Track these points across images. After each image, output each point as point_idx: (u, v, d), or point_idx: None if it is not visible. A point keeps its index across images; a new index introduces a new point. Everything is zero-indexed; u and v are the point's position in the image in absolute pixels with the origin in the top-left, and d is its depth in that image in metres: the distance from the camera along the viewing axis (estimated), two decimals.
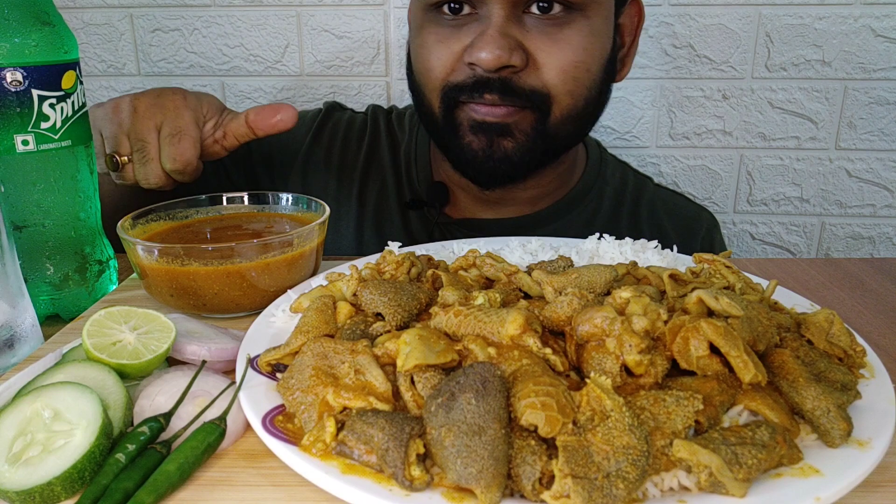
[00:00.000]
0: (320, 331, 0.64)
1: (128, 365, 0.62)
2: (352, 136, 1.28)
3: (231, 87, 1.62)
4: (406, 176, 1.23)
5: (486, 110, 1.01)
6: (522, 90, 1.00)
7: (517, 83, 0.99)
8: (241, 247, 0.79)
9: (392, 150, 1.26)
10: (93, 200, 0.89)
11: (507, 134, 1.03)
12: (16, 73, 0.77)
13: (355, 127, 1.29)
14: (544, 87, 1.00)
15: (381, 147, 1.27)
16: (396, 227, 1.21)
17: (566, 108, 1.03)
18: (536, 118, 1.02)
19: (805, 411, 0.54)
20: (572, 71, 1.00)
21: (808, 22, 1.49)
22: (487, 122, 1.02)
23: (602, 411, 0.50)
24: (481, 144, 1.04)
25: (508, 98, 1.00)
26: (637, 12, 1.12)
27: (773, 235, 1.66)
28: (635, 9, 1.12)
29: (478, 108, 1.02)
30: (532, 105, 1.01)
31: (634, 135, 1.59)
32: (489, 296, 0.66)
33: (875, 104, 1.54)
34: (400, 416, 0.51)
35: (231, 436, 0.58)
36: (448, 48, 1.02)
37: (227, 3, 1.54)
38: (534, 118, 1.02)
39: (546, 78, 1.00)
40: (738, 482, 0.47)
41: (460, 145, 1.06)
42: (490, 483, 0.46)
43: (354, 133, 1.28)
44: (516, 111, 1.02)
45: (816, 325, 0.65)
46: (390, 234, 1.21)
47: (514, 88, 0.99)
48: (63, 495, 0.51)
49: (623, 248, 0.86)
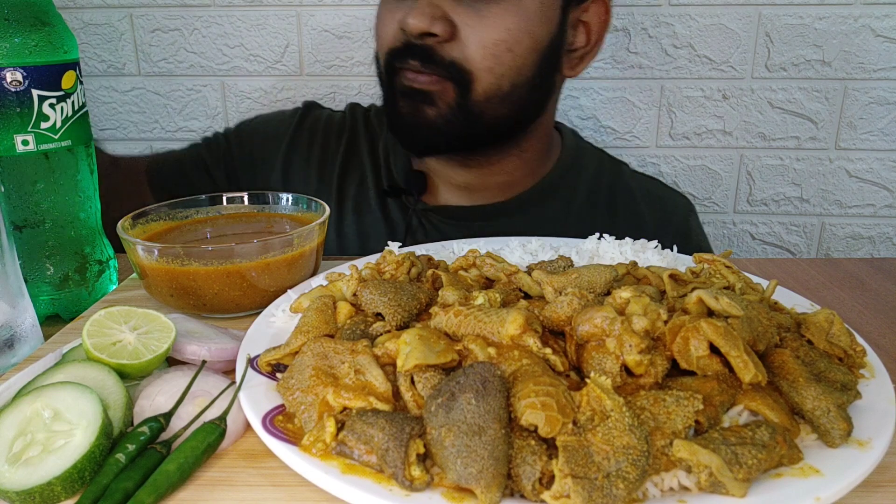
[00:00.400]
0: (320, 331, 0.64)
1: (128, 365, 0.62)
2: (331, 132, 1.31)
3: (231, 87, 1.62)
4: (385, 167, 1.26)
5: (412, 76, 1.06)
6: (443, 60, 1.03)
7: (439, 52, 1.03)
8: (241, 247, 0.79)
9: (370, 144, 1.29)
10: (93, 200, 0.89)
11: (430, 102, 1.07)
12: (16, 73, 0.77)
13: (334, 124, 1.33)
14: (465, 60, 1.03)
15: (359, 141, 1.30)
16: (375, 215, 1.24)
17: (488, 87, 1.05)
18: (458, 91, 1.05)
19: (805, 411, 0.54)
20: (492, 48, 1.03)
21: (808, 22, 1.49)
22: (413, 89, 1.07)
23: (602, 411, 0.50)
24: (408, 109, 1.09)
25: (429, 66, 1.04)
26: (604, 12, 1.14)
27: (773, 235, 1.66)
28: (602, 8, 1.13)
29: (408, 75, 1.06)
30: (453, 77, 1.04)
31: (634, 135, 1.59)
32: (489, 296, 0.66)
33: (875, 104, 1.54)
34: (400, 416, 0.51)
35: (231, 436, 0.58)
36: (393, 17, 1.07)
37: (227, 3, 1.54)
38: (455, 91, 1.05)
39: (467, 52, 1.03)
40: (738, 482, 0.47)
41: (394, 112, 1.11)
42: (490, 483, 0.46)
43: (334, 130, 1.32)
44: (439, 80, 1.05)
45: (816, 325, 0.65)
46: (369, 222, 1.24)
47: (435, 57, 1.03)
48: (63, 495, 0.51)
49: (623, 248, 0.86)
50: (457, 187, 1.23)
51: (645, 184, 1.31)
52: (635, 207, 1.26)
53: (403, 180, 1.23)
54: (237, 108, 1.63)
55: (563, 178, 1.24)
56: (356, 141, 1.30)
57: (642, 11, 1.50)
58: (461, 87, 1.05)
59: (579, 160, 1.26)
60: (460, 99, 1.06)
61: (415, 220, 1.21)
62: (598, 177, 1.27)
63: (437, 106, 1.07)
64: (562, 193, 1.23)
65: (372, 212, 1.24)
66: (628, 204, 1.26)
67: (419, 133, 1.11)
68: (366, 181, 1.26)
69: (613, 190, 1.26)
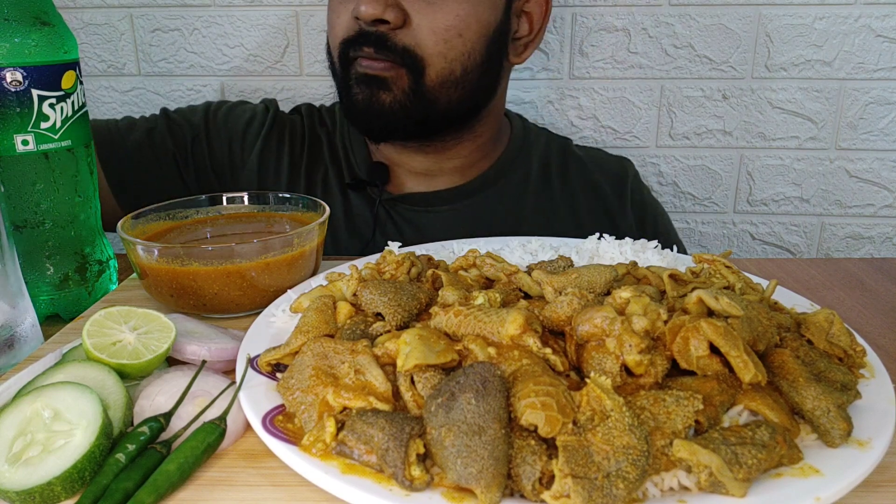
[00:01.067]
0: (320, 331, 0.64)
1: (128, 365, 0.62)
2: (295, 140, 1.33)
3: (231, 87, 1.62)
4: (345, 162, 1.29)
5: (367, 63, 1.09)
6: (396, 46, 1.07)
7: (392, 39, 1.06)
8: (241, 247, 0.79)
9: (329, 142, 1.31)
10: (93, 200, 0.89)
11: (384, 87, 1.09)
12: (16, 72, 0.77)
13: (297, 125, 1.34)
14: (417, 46, 1.07)
15: (317, 141, 1.32)
16: (339, 211, 1.26)
17: (441, 72, 1.09)
18: (411, 77, 1.09)
19: (805, 411, 0.54)
20: (443, 33, 1.07)
21: (808, 22, 1.49)
22: (368, 75, 1.10)
23: (602, 411, 0.50)
24: (363, 96, 1.11)
25: (383, 52, 1.07)
26: (545, 2, 1.19)
27: (773, 235, 1.66)
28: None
29: (362, 63, 1.09)
30: (406, 63, 1.08)
31: (634, 135, 1.59)
32: (489, 296, 0.66)
33: (875, 104, 1.53)
34: (400, 416, 0.51)
35: (231, 436, 0.58)
36: (345, 7, 1.10)
37: (227, 3, 1.54)
38: (409, 77, 1.09)
39: (419, 38, 1.07)
40: (738, 482, 0.47)
41: (349, 97, 1.14)
42: (490, 483, 0.46)
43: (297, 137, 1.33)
44: (392, 66, 1.08)
45: (816, 324, 0.65)
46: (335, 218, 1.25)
47: (388, 44, 1.06)
48: (63, 495, 0.51)
49: (623, 248, 0.86)
50: (417, 174, 1.27)
51: (591, 153, 1.39)
52: (588, 175, 1.32)
53: (366, 173, 1.26)
54: None
55: (516, 157, 1.30)
56: (317, 140, 1.32)
57: (642, 11, 1.50)
58: (414, 73, 1.08)
59: (528, 139, 1.33)
60: (414, 85, 1.09)
61: (381, 212, 1.24)
62: (548, 152, 1.33)
63: (391, 91, 1.10)
64: (517, 171, 1.29)
65: (336, 209, 1.26)
66: (581, 172, 1.32)
67: (376, 120, 1.13)
68: (328, 179, 1.28)
69: (564, 161, 1.33)
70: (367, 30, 1.06)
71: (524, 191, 1.28)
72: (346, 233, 1.25)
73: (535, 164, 1.31)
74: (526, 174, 1.29)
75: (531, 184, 1.29)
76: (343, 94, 1.17)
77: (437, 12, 1.06)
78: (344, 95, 1.16)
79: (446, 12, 1.06)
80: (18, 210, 0.82)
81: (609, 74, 1.55)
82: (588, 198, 1.30)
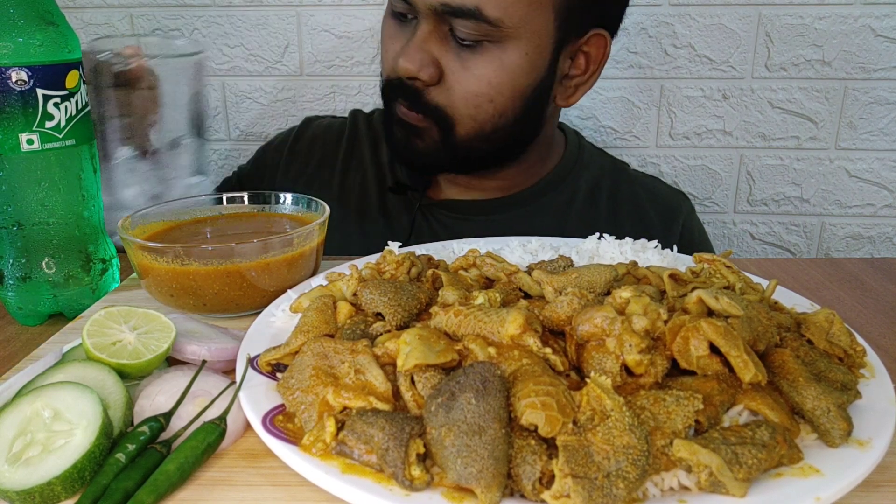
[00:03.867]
0: (320, 331, 0.64)
1: (128, 365, 0.62)
2: (330, 138, 1.34)
3: (231, 87, 1.62)
4: (389, 166, 1.29)
5: (403, 111, 1.11)
6: (427, 105, 1.07)
7: (425, 97, 1.07)
8: (241, 247, 0.79)
9: (373, 146, 1.32)
10: (96, 199, 0.89)
11: (418, 136, 1.12)
12: (21, 72, 0.77)
13: (334, 129, 1.36)
14: (448, 106, 1.07)
15: (361, 144, 1.33)
16: (377, 215, 1.27)
17: (470, 130, 1.09)
18: (441, 131, 1.10)
19: (805, 411, 0.54)
20: (473, 100, 1.06)
21: (808, 22, 1.49)
22: (404, 122, 1.12)
23: (602, 411, 0.50)
24: (401, 136, 1.14)
25: (416, 107, 1.08)
26: (603, 45, 1.12)
27: (773, 235, 1.66)
28: (602, 42, 1.12)
29: (399, 107, 1.11)
30: (435, 119, 1.09)
31: (634, 135, 1.59)
32: (489, 296, 0.66)
33: (875, 104, 1.54)
34: (400, 416, 0.51)
35: (231, 436, 0.58)
36: (392, 45, 1.10)
37: (227, 3, 1.54)
38: (438, 131, 1.10)
39: (451, 98, 1.06)
40: (738, 482, 0.47)
41: (390, 133, 1.17)
42: (490, 483, 0.46)
43: (333, 135, 1.35)
44: (424, 119, 1.09)
45: (816, 324, 0.65)
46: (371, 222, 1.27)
47: (420, 101, 1.08)
48: (63, 495, 0.51)
49: (623, 248, 0.86)
50: (457, 184, 1.26)
51: (649, 183, 1.33)
52: (639, 206, 1.27)
53: (408, 177, 1.26)
54: (237, 107, 1.63)
55: (566, 176, 1.25)
56: (357, 143, 1.32)
57: (642, 11, 1.50)
58: (443, 128, 1.09)
59: (581, 159, 1.28)
60: (444, 137, 1.10)
61: (419, 217, 1.24)
62: (601, 174, 1.28)
63: (424, 140, 1.11)
64: (564, 190, 1.25)
65: (374, 211, 1.27)
66: (631, 202, 1.27)
67: (414, 158, 1.16)
68: (366, 182, 1.28)
69: (616, 188, 1.28)
70: (402, 82, 1.07)
71: (568, 210, 1.24)
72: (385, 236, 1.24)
73: (583, 185, 1.26)
74: (573, 194, 1.25)
75: (576, 203, 1.25)
76: (385, 127, 1.19)
77: (469, 77, 1.05)
78: (386, 128, 1.18)
79: (478, 78, 1.04)
80: (23, 209, 0.82)
81: (609, 74, 1.55)
82: (635, 227, 1.23)
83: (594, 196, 1.26)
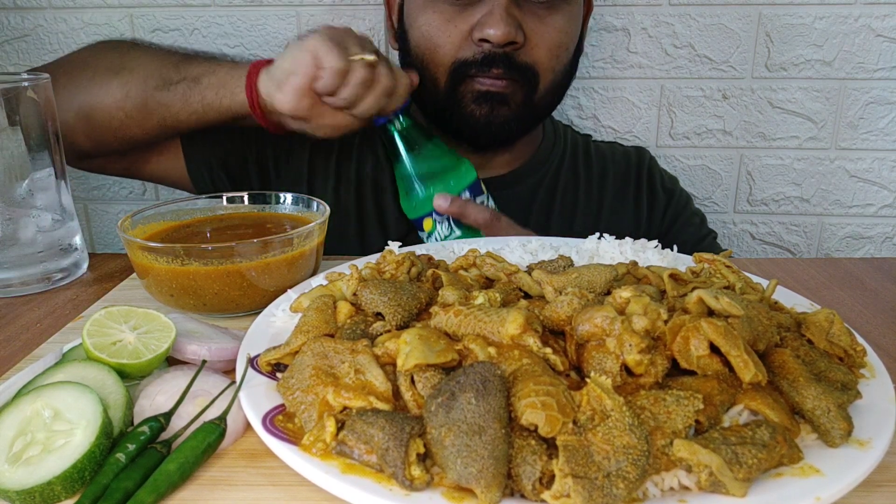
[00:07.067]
0: (320, 330, 0.64)
1: (128, 365, 0.62)
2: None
3: None
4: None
5: (491, 82, 1.15)
6: (520, 65, 1.14)
7: (518, 59, 1.14)
8: (241, 247, 0.79)
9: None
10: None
11: (504, 103, 1.17)
12: None
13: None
14: (535, 63, 1.16)
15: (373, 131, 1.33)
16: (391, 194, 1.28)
17: (549, 83, 1.20)
18: (526, 91, 1.17)
19: (805, 411, 0.54)
20: (556, 50, 1.17)
21: (808, 22, 1.49)
22: (491, 93, 1.16)
23: (602, 411, 0.50)
24: (483, 112, 1.18)
25: (510, 72, 1.14)
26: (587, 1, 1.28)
27: (773, 235, 1.65)
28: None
29: (483, 81, 1.15)
30: (524, 79, 1.16)
31: (634, 135, 1.59)
32: (489, 295, 0.66)
33: (875, 104, 1.53)
34: (400, 416, 0.51)
35: (231, 435, 0.58)
36: (456, 27, 1.14)
37: (227, 3, 1.54)
38: (524, 91, 1.17)
39: (536, 55, 1.15)
40: (738, 482, 0.47)
41: (463, 115, 1.19)
42: (490, 483, 0.46)
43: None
44: (513, 83, 1.16)
45: (816, 324, 0.65)
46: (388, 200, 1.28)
47: (515, 63, 1.14)
48: (63, 495, 0.51)
49: (623, 248, 0.86)
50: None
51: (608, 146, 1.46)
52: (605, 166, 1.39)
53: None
54: None
55: (551, 149, 1.38)
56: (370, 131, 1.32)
57: (642, 11, 1.50)
58: (528, 87, 1.17)
59: (558, 131, 1.41)
60: (528, 98, 1.18)
61: None
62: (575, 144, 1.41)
63: (509, 106, 1.17)
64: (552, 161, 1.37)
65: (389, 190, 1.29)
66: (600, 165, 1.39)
67: (491, 132, 1.20)
68: (380, 163, 1.30)
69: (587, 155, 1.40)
70: (495, 52, 1.11)
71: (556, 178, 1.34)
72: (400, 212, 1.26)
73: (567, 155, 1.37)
74: (559, 164, 1.36)
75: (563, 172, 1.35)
76: (450, 110, 1.20)
77: (550, 31, 1.15)
78: (452, 111, 1.19)
79: (558, 30, 1.15)
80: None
81: (609, 74, 1.55)
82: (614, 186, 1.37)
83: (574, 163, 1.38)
